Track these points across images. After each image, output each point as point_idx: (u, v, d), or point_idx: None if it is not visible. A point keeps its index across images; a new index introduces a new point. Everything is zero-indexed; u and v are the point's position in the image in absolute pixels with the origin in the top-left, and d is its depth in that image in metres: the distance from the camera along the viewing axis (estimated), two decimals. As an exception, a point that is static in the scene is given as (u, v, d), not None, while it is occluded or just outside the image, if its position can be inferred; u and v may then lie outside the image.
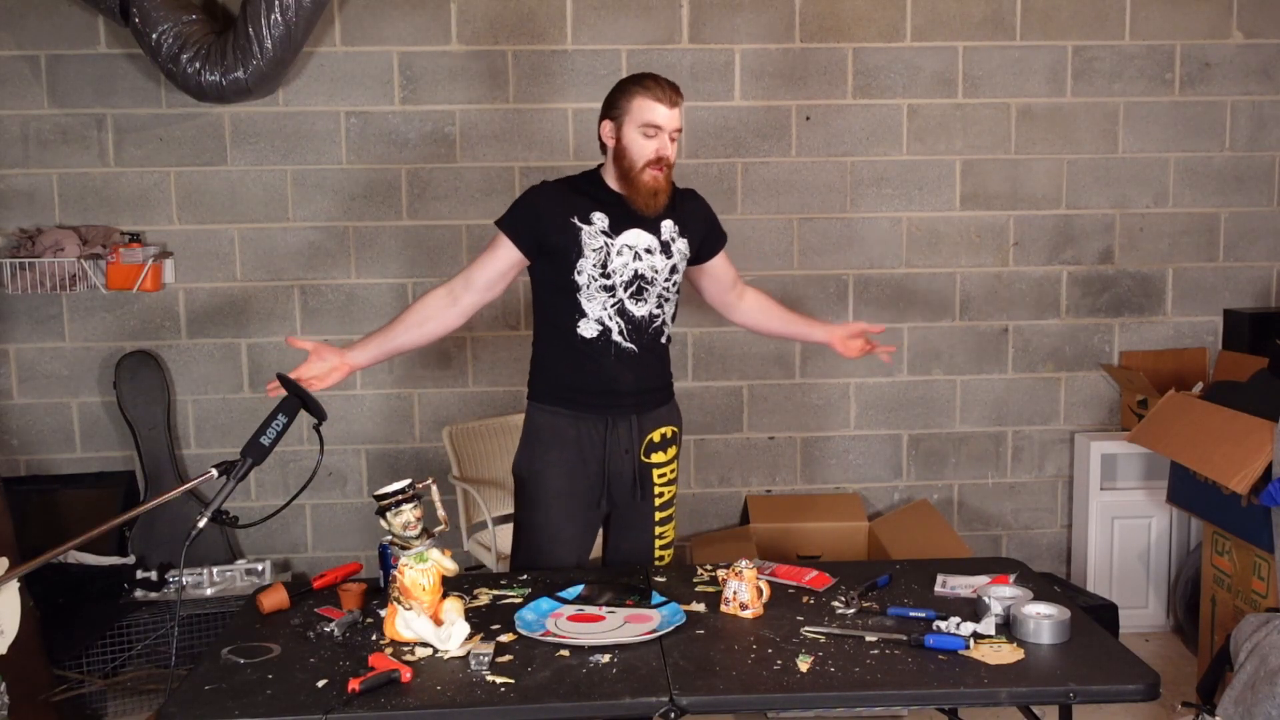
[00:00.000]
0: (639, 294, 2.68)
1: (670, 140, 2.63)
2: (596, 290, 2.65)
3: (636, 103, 2.61)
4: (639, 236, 2.68)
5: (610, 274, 2.65)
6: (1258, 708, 2.74)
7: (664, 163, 2.63)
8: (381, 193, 4.00)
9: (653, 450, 2.77)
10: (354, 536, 4.13)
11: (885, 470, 4.24)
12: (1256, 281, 4.24)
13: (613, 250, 2.65)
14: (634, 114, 2.61)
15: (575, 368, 2.69)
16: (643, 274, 2.67)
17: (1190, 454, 3.44)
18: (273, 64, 3.63)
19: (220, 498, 2.29)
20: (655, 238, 2.70)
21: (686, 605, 2.40)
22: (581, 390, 2.70)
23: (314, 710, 1.97)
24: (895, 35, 4.04)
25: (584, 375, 2.69)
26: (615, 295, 2.66)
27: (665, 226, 2.72)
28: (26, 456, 4.01)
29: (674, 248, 2.73)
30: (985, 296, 4.18)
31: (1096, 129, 4.13)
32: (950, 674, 2.08)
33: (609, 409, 2.71)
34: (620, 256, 2.65)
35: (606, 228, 2.65)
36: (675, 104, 2.63)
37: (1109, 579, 4.07)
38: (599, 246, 2.64)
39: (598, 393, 2.69)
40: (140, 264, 3.82)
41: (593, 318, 2.66)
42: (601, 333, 2.66)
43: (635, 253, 2.67)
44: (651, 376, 2.76)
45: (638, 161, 2.62)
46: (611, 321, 2.67)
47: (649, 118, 2.60)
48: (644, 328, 2.70)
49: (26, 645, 2.90)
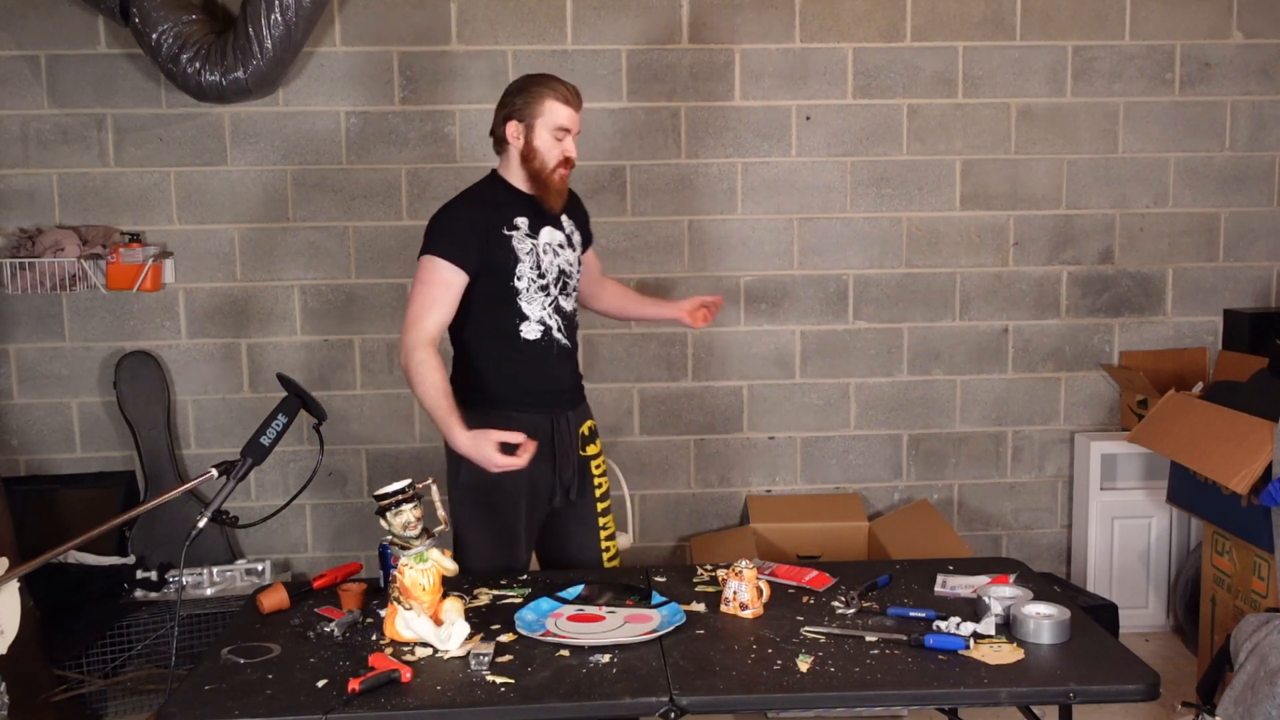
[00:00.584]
0: (564, 289, 2.79)
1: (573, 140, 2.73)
2: (535, 292, 2.72)
3: (548, 105, 2.68)
4: (552, 234, 2.77)
5: (544, 272, 2.73)
6: (1258, 708, 2.74)
7: (570, 163, 2.72)
8: (381, 193, 4.00)
9: (586, 443, 2.85)
10: (354, 536, 4.13)
11: (885, 470, 4.24)
12: (1256, 281, 4.24)
13: (539, 248, 2.73)
14: (545, 117, 2.68)
15: (521, 370, 2.72)
16: (563, 269, 2.78)
17: (1190, 454, 3.44)
18: (273, 64, 3.63)
19: (220, 498, 2.29)
20: (563, 234, 2.81)
21: (686, 605, 2.40)
22: (529, 391, 2.73)
23: (314, 710, 1.97)
24: (895, 35, 4.04)
25: (530, 377, 2.73)
26: (550, 294, 2.75)
27: (565, 222, 2.83)
28: (26, 456, 4.01)
29: (574, 240, 2.85)
30: (985, 296, 4.18)
31: (1096, 129, 4.13)
32: (950, 674, 2.08)
33: (553, 406, 2.77)
34: (546, 255, 2.74)
35: (528, 229, 2.72)
36: (579, 106, 2.74)
37: (1109, 579, 4.07)
38: (529, 249, 2.71)
39: (544, 391, 2.75)
40: (140, 264, 3.82)
41: (534, 319, 2.72)
42: (544, 332, 2.74)
43: (553, 249, 2.76)
44: (576, 372, 2.88)
45: (549, 163, 2.69)
46: (551, 319, 2.75)
47: (560, 121, 2.68)
48: (571, 322, 2.82)
49: (26, 645, 2.90)
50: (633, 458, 4.12)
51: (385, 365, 4.06)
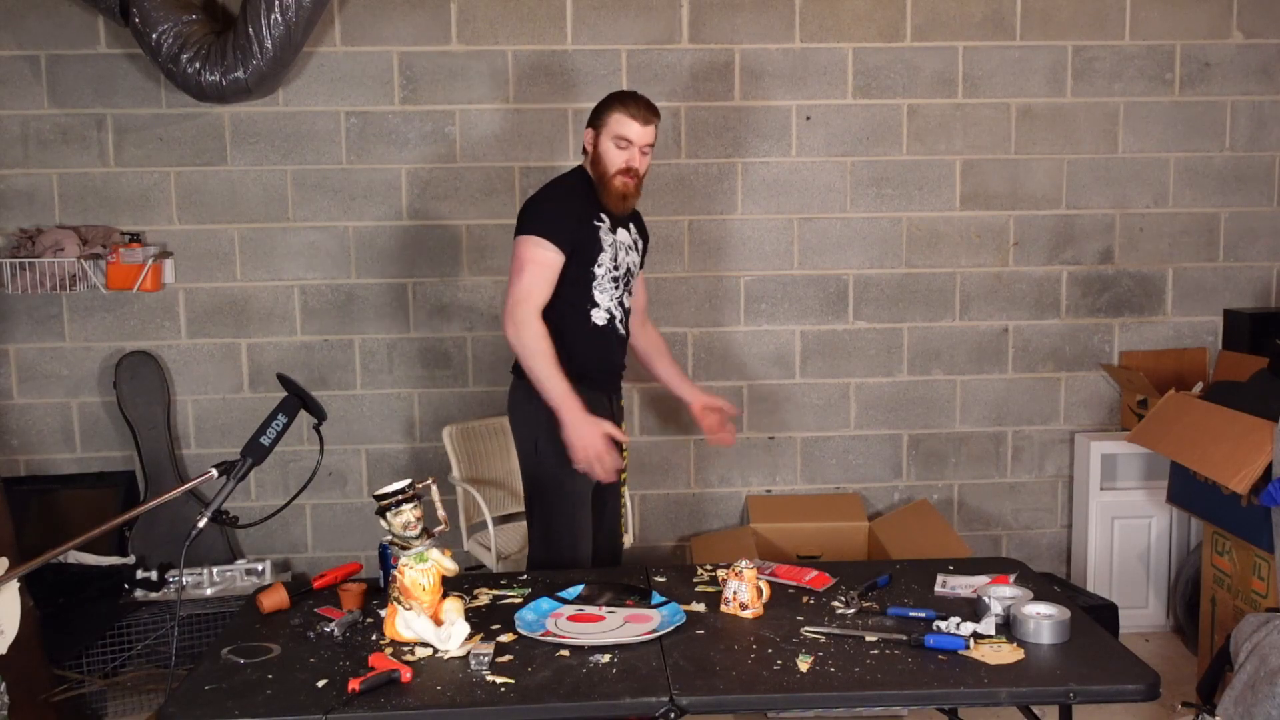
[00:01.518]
0: (628, 286, 3.04)
1: (641, 154, 2.92)
2: (608, 282, 2.96)
3: (614, 116, 2.90)
4: (625, 235, 3.04)
5: (618, 267, 2.97)
6: (1258, 708, 2.74)
7: (632, 172, 2.92)
8: (381, 193, 4.00)
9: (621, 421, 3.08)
10: (354, 536, 4.13)
11: (885, 470, 4.24)
12: (1256, 281, 4.24)
13: (617, 246, 2.98)
14: (610, 126, 2.90)
15: (589, 350, 2.95)
16: (630, 269, 3.04)
17: (1190, 454, 3.44)
18: (273, 64, 3.63)
19: (220, 498, 2.29)
20: (630, 238, 3.07)
21: (686, 605, 2.40)
22: (595, 370, 2.97)
23: (314, 710, 1.97)
24: (895, 35, 4.04)
25: (597, 357, 2.98)
26: (619, 287, 2.99)
27: (633, 227, 3.11)
28: (26, 456, 4.01)
29: (638, 247, 3.12)
30: (985, 296, 4.18)
31: (1096, 129, 4.13)
32: (950, 674, 2.08)
33: (610, 387, 3.05)
34: (620, 251, 2.99)
35: (609, 226, 2.97)
36: (649, 122, 2.91)
37: (1109, 579, 4.07)
38: (611, 242, 2.96)
39: (605, 373, 3.03)
40: (140, 264, 3.82)
41: (604, 307, 2.95)
42: (609, 320, 2.97)
43: (625, 248, 3.02)
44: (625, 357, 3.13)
45: (610, 168, 2.91)
46: (617, 310, 2.99)
47: (622, 131, 2.89)
48: (629, 316, 3.08)
49: (26, 645, 2.90)
50: (633, 457, 4.12)
51: (385, 365, 4.06)
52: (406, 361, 4.06)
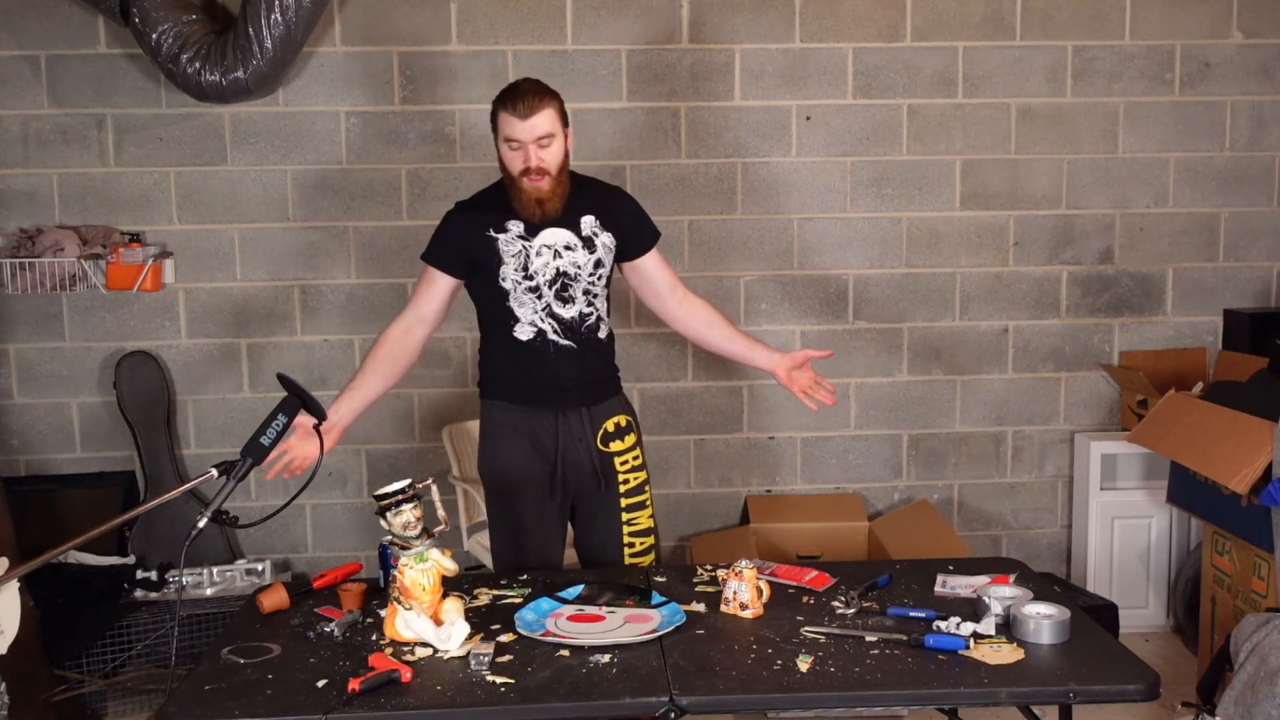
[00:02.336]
0: (564, 291, 2.73)
1: (538, 148, 2.63)
2: (524, 294, 2.71)
3: (499, 118, 2.65)
4: (557, 234, 2.73)
5: (533, 274, 2.70)
6: (1258, 708, 2.74)
7: (535, 173, 2.64)
8: (381, 193, 4.00)
9: (610, 439, 2.82)
10: (354, 536, 4.13)
11: (885, 470, 4.24)
12: (1256, 281, 4.24)
13: (531, 251, 2.71)
14: (499, 129, 2.66)
15: (519, 367, 2.77)
16: (565, 271, 2.72)
17: (1190, 454, 3.44)
18: (273, 64, 3.63)
19: (220, 498, 2.29)
20: (574, 234, 2.74)
21: (686, 605, 2.40)
22: (528, 386, 2.77)
23: (314, 710, 1.97)
24: (895, 35, 4.04)
25: (529, 373, 2.76)
26: (542, 297, 2.72)
27: (586, 222, 2.76)
28: (26, 456, 4.01)
29: (597, 241, 2.76)
30: (985, 296, 4.18)
31: (1096, 129, 4.13)
32: (950, 674, 2.08)
33: (558, 402, 2.77)
34: (540, 256, 2.71)
35: (522, 231, 2.71)
36: (531, 112, 2.60)
37: (1109, 579, 4.07)
38: (517, 251, 2.70)
39: (545, 387, 2.76)
40: (140, 264, 3.82)
41: (525, 321, 2.73)
42: (537, 334, 2.74)
43: (554, 250, 2.72)
44: (593, 369, 2.81)
45: (512, 172, 2.67)
46: (544, 324, 2.74)
47: (507, 132, 2.63)
48: (577, 327, 2.76)
49: (26, 645, 2.90)
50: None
51: (385, 365, 4.05)
52: (406, 361, 4.05)
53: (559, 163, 2.68)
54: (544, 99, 2.63)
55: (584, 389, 2.80)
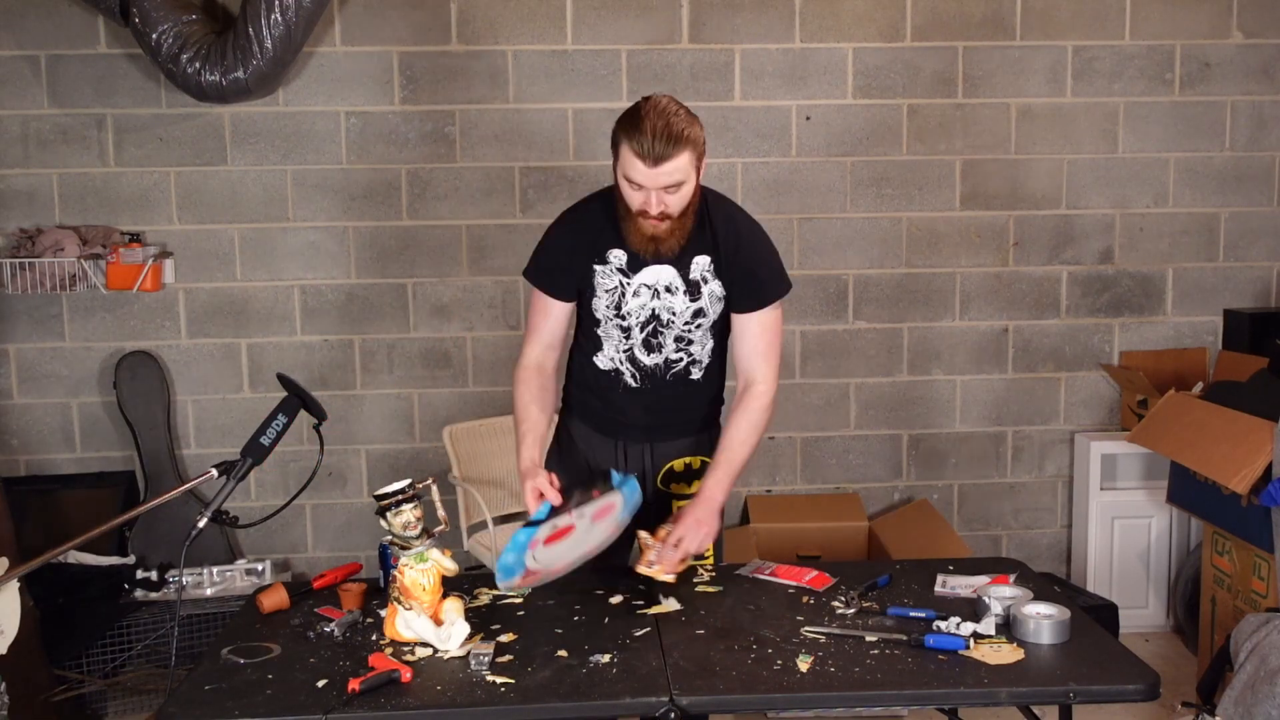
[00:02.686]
0: (654, 337, 2.52)
1: (664, 194, 2.33)
2: (613, 329, 2.53)
3: (623, 150, 2.33)
4: (659, 273, 2.47)
5: (625, 315, 2.50)
6: (1258, 708, 2.74)
7: (659, 217, 2.35)
8: (381, 193, 4.00)
9: (673, 480, 2.67)
10: (354, 536, 4.13)
11: (885, 470, 4.24)
12: (1256, 281, 4.24)
13: (628, 290, 2.48)
14: (621, 161, 2.35)
15: (591, 391, 2.64)
16: (658, 315, 2.49)
17: (1190, 454, 3.44)
18: (273, 64, 3.63)
19: (220, 498, 2.29)
20: (680, 275, 2.48)
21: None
22: (595, 412, 2.66)
23: (314, 710, 1.97)
24: (895, 35, 4.03)
25: (597, 400, 2.63)
26: (630, 337, 2.52)
27: (698, 264, 2.49)
28: (26, 456, 4.01)
29: (704, 289, 2.49)
30: (985, 296, 4.18)
31: (1096, 129, 4.13)
32: (950, 674, 2.08)
33: (619, 432, 2.64)
34: (637, 297, 2.48)
35: (624, 265, 2.47)
36: (660, 162, 2.28)
37: (1109, 579, 4.07)
38: (613, 287, 2.49)
39: (609, 419, 2.64)
40: (140, 264, 3.82)
41: (607, 354, 2.56)
42: (613, 370, 2.57)
43: (654, 291, 2.48)
44: (667, 411, 2.61)
45: (630, 207, 2.38)
46: (622, 366, 2.56)
47: (629, 172, 2.33)
48: (658, 375, 2.55)
49: (26, 645, 2.90)
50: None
51: (385, 365, 4.06)
52: (406, 361, 4.06)
53: (684, 206, 2.38)
54: (679, 146, 2.29)
55: (649, 429, 2.62)
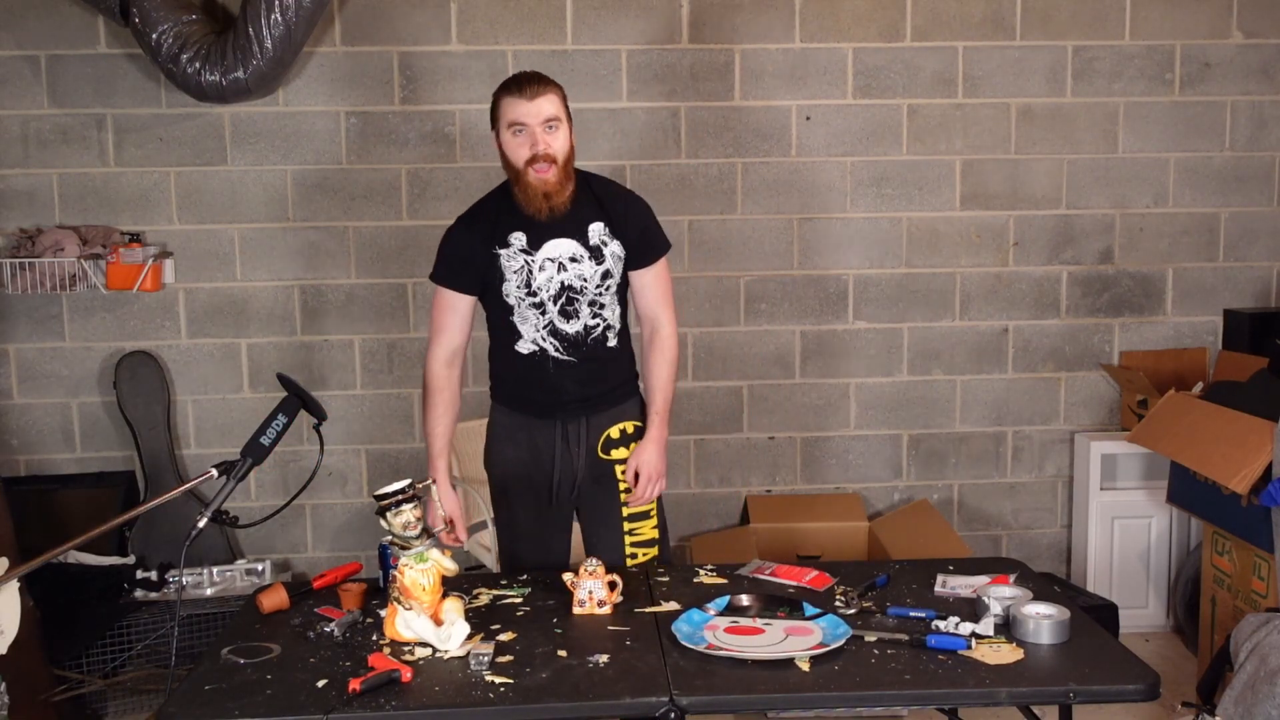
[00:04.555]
0: (569, 305, 2.65)
1: (545, 131, 2.54)
2: (527, 309, 2.65)
3: (502, 104, 2.56)
4: (560, 246, 2.63)
5: (536, 291, 2.63)
6: (1258, 708, 2.74)
7: (543, 159, 2.53)
8: (381, 193, 4.00)
9: (612, 446, 2.76)
10: (354, 536, 4.13)
11: (885, 470, 4.24)
12: (1256, 281, 4.24)
13: (534, 266, 2.62)
14: (502, 116, 2.56)
15: (519, 379, 2.73)
16: (570, 285, 2.63)
17: (1190, 454, 3.44)
18: (273, 64, 3.63)
19: (220, 498, 2.29)
20: (581, 244, 2.64)
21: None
22: (529, 396, 2.74)
23: (314, 710, 1.97)
24: (895, 35, 4.04)
25: (529, 385, 2.73)
26: (546, 313, 2.64)
27: (594, 230, 2.66)
28: (26, 456, 4.01)
29: (606, 251, 2.66)
30: (985, 296, 4.18)
31: (1096, 129, 4.13)
32: (950, 674, 2.08)
33: (557, 412, 2.73)
34: (543, 271, 2.62)
35: (525, 245, 2.63)
36: (537, 94, 2.52)
37: (1109, 579, 4.07)
38: (519, 267, 2.63)
39: (543, 401, 2.72)
40: (140, 264, 3.82)
41: (527, 338, 2.67)
42: (538, 350, 2.68)
43: (559, 264, 2.63)
44: (597, 381, 2.73)
45: (517, 163, 2.56)
46: (545, 342, 2.67)
47: (511, 116, 2.53)
48: (580, 341, 2.68)
49: (26, 645, 2.90)
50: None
51: (385, 365, 4.06)
52: (406, 361, 4.06)
53: (566, 152, 2.58)
54: (549, 84, 2.58)
55: (585, 401, 2.73)
